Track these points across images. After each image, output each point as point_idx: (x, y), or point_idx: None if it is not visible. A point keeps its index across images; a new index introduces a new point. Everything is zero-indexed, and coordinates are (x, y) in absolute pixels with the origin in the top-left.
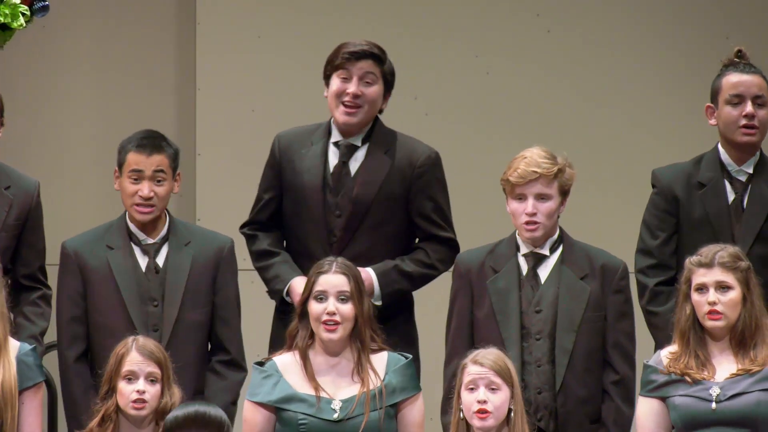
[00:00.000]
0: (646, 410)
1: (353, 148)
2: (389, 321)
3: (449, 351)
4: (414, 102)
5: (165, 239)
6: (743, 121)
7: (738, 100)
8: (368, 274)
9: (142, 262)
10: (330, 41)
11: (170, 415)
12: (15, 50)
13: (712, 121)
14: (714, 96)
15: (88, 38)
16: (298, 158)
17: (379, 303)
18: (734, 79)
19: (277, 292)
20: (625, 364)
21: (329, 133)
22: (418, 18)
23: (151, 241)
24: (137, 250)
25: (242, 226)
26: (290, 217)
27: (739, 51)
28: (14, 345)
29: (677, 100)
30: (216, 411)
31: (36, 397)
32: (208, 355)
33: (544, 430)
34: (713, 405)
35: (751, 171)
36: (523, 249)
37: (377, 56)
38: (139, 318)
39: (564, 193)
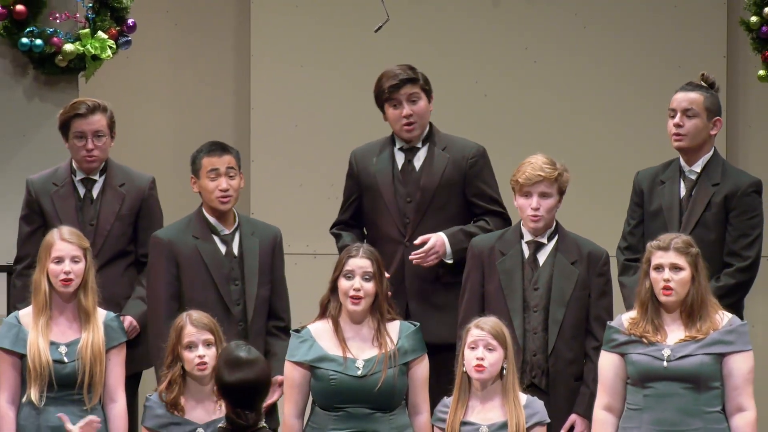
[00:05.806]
0: (608, 363)
1: (415, 150)
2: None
3: (462, 317)
4: None
5: (236, 230)
6: (673, 130)
7: (672, 113)
8: (441, 237)
9: (222, 248)
10: (357, 71)
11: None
12: (103, 76)
13: None
14: None
15: (163, 67)
16: (371, 165)
17: (450, 261)
18: (674, 96)
19: None
20: (604, 333)
21: (393, 142)
22: (428, 51)
23: (227, 231)
24: (217, 239)
25: (331, 227)
26: (369, 211)
27: (702, 75)
28: (101, 313)
29: (648, 114)
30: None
31: (120, 354)
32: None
33: (538, 386)
34: (665, 363)
35: (699, 170)
36: (526, 237)
37: (413, 78)
38: (228, 295)
39: (561, 192)
